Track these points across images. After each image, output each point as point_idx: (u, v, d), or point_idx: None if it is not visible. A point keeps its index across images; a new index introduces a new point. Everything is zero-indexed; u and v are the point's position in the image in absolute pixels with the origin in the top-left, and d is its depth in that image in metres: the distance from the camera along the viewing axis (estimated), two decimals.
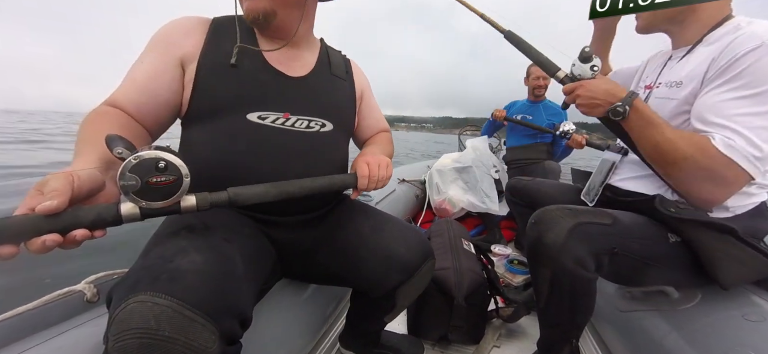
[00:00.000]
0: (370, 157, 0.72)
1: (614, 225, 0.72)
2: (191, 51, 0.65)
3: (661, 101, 0.78)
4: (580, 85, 0.78)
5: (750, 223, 0.70)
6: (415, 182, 2.31)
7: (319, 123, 0.72)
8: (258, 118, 0.66)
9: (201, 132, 0.66)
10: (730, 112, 0.63)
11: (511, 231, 2.07)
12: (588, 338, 1.04)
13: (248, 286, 0.54)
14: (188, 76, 0.64)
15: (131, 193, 0.42)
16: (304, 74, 0.74)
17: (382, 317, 0.85)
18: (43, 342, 0.53)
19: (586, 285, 0.72)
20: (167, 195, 0.45)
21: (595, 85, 0.76)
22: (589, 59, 0.78)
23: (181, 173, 0.45)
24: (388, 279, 0.73)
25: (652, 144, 0.71)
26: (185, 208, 0.48)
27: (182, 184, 0.45)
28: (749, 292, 0.73)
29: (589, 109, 0.78)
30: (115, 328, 0.39)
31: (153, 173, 0.43)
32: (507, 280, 1.40)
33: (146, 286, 0.41)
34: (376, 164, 0.70)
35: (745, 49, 0.63)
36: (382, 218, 0.79)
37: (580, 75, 0.80)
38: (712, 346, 0.64)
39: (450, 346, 1.07)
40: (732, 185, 0.65)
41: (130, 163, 0.42)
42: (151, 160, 0.43)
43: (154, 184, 0.43)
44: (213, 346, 0.42)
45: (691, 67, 0.72)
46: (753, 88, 0.62)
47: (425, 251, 0.76)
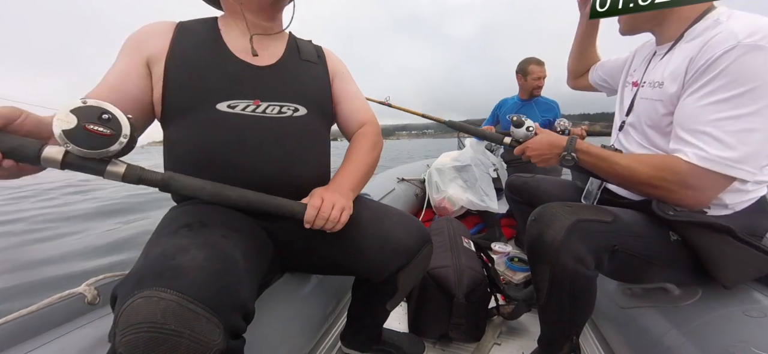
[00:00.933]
0: (330, 194, 0.67)
1: (614, 222, 0.72)
2: (157, 52, 0.68)
3: (647, 103, 0.78)
4: (526, 147, 0.89)
5: (749, 221, 0.70)
6: (414, 181, 2.31)
7: (292, 108, 0.73)
8: (228, 107, 0.67)
9: (177, 129, 0.68)
10: (709, 117, 0.63)
11: (511, 229, 2.07)
12: (588, 335, 1.05)
13: (249, 280, 0.55)
14: (156, 76, 0.67)
15: (61, 131, 0.42)
16: (273, 62, 0.75)
17: (385, 304, 0.85)
18: (45, 344, 0.53)
19: (586, 282, 0.72)
20: (99, 146, 0.44)
21: (538, 142, 0.87)
22: (521, 124, 0.91)
23: (120, 131, 0.45)
24: (389, 263, 0.74)
25: (613, 175, 0.75)
26: (110, 173, 0.47)
27: (116, 141, 0.45)
28: (750, 288, 0.73)
29: (543, 162, 0.86)
30: (122, 323, 0.40)
31: (93, 121, 0.43)
32: (507, 278, 1.40)
33: (151, 282, 0.42)
34: (330, 204, 0.65)
35: (721, 49, 0.62)
36: (381, 208, 0.80)
37: (523, 138, 0.92)
38: (713, 343, 0.64)
39: (451, 343, 1.07)
40: (712, 189, 0.65)
41: (74, 104, 0.42)
42: (96, 109, 0.43)
43: (90, 131, 0.43)
44: (218, 339, 0.43)
45: (673, 66, 0.72)
46: (730, 90, 0.61)
47: (423, 237, 0.78)
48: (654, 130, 0.76)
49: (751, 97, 0.59)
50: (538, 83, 2.10)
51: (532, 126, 0.91)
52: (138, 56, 0.67)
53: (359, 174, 0.77)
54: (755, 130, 0.60)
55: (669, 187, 0.67)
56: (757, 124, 0.60)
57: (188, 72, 0.68)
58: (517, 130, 0.92)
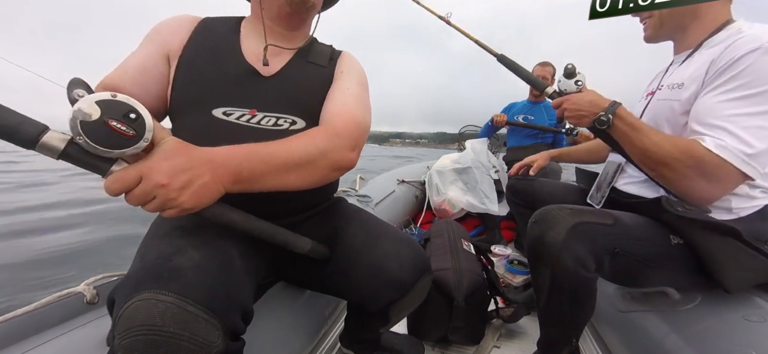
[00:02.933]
0: (164, 168, 0.52)
1: (615, 225, 0.72)
2: (176, 47, 0.66)
3: (664, 103, 0.78)
4: (566, 99, 0.82)
5: (754, 227, 0.69)
6: (414, 183, 2.31)
7: (289, 121, 0.67)
8: (223, 114, 0.64)
9: (177, 130, 0.66)
10: (726, 112, 0.63)
11: (510, 231, 2.07)
12: (588, 338, 1.04)
13: (247, 279, 0.55)
14: (172, 72, 0.66)
15: (78, 121, 0.38)
16: (276, 70, 0.70)
17: (377, 330, 0.84)
18: (44, 343, 0.53)
19: (586, 285, 0.72)
20: (115, 145, 0.40)
21: (579, 97, 0.80)
22: (572, 75, 0.83)
23: (143, 134, 0.41)
24: (379, 296, 0.70)
25: (639, 149, 0.72)
26: (113, 173, 0.42)
27: (136, 144, 0.41)
28: (750, 294, 0.73)
29: (577, 120, 0.81)
30: (121, 327, 0.40)
31: (118, 118, 0.40)
32: (507, 281, 1.40)
33: (149, 284, 0.41)
34: (148, 189, 0.45)
35: (744, 50, 0.63)
36: (377, 231, 0.74)
37: (566, 90, 0.84)
38: (713, 348, 0.63)
39: (450, 346, 1.07)
40: (725, 183, 0.65)
41: (102, 95, 0.39)
42: (125, 106, 0.40)
43: (112, 128, 0.40)
44: (217, 341, 0.43)
45: (693, 69, 0.73)
46: (750, 88, 0.62)
47: (420, 267, 0.72)
48: (671, 128, 0.76)
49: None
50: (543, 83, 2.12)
51: (582, 81, 0.83)
52: (160, 49, 0.66)
53: (265, 162, 0.52)
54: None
55: (685, 172, 0.66)
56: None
57: (194, 72, 0.66)
58: (565, 80, 0.84)
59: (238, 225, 0.54)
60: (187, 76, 0.66)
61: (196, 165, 0.46)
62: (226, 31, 0.71)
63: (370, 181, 2.16)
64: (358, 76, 0.75)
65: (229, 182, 0.49)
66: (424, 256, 0.75)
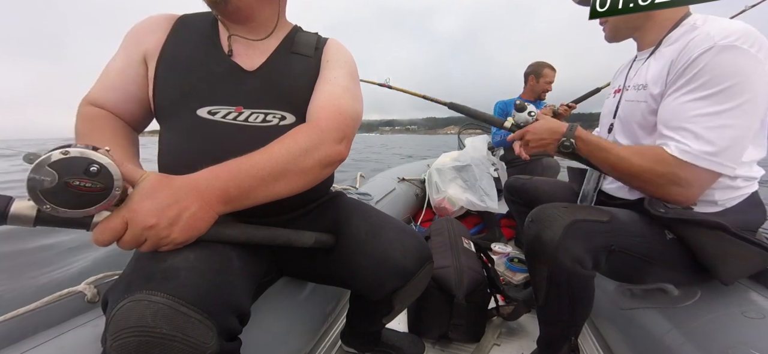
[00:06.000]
0: (147, 208, 0.47)
1: (611, 222, 0.72)
2: (153, 48, 0.65)
3: (632, 104, 0.80)
4: (527, 131, 0.89)
5: (742, 217, 0.70)
6: (414, 181, 2.31)
7: (278, 116, 0.65)
8: (208, 114, 0.62)
9: (164, 132, 0.66)
10: (689, 113, 0.65)
11: (511, 229, 2.07)
12: (588, 335, 1.05)
13: (244, 280, 0.54)
14: (150, 73, 0.65)
15: (37, 191, 0.35)
16: (260, 63, 0.67)
17: (380, 319, 0.85)
18: (45, 342, 0.53)
19: (583, 282, 0.73)
20: (85, 204, 0.38)
21: (538, 126, 0.87)
22: (523, 108, 0.91)
23: (112, 184, 0.38)
24: (384, 284, 0.71)
25: (608, 165, 0.75)
26: (95, 225, 0.40)
27: (108, 196, 0.38)
28: (749, 289, 0.73)
29: (541, 147, 0.86)
30: (112, 328, 0.39)
31: (78, 175, 0.36)
32: (507, 279, 1.40)
33: (141, 285, 0.41)
34: (136, 234, 0.43)
35: (699, 50, 0.65)
36: (380, 221, 0.75)
37: (524, 122, 0.92)
38: (712, 344, 0.64)
39: (450, 344, 1.07)
40: (698, 184, 0.66)
41: (51, 157, 0.35)
42: (83, 160, 0.37)
43: (74, 188, 0.36)
44: (211, 342, 0.42)
45: (654, 69, 0.75)
46: (709, 88, 0.64)
47: (422, 256, 0.73)
48: (642, 129, 0.78)
49: (728, 94, 0.62)
50: (548, 87, 2.20)
51: (534, 112, 0.91)
52: (136, 52, 0.65)
53: (251, 176, 0.51)
54: (731, 126, 0.62)
55: (658, 181, 0.68)
56: (732, 120, 0.62)
57: (174, 72, 0.64)
58: (519, 114, 0.92)
59: (237, 240, 0.55)
60: (167, 77, 0.64)
61: (181, 197, 0.44)
62: (204, 27, 0.68)
63: (371, 180, 2.17)
64: (346, 65, 0.73)
65: (219, 205, 0.48)
66: (425, 245, 0.76)
